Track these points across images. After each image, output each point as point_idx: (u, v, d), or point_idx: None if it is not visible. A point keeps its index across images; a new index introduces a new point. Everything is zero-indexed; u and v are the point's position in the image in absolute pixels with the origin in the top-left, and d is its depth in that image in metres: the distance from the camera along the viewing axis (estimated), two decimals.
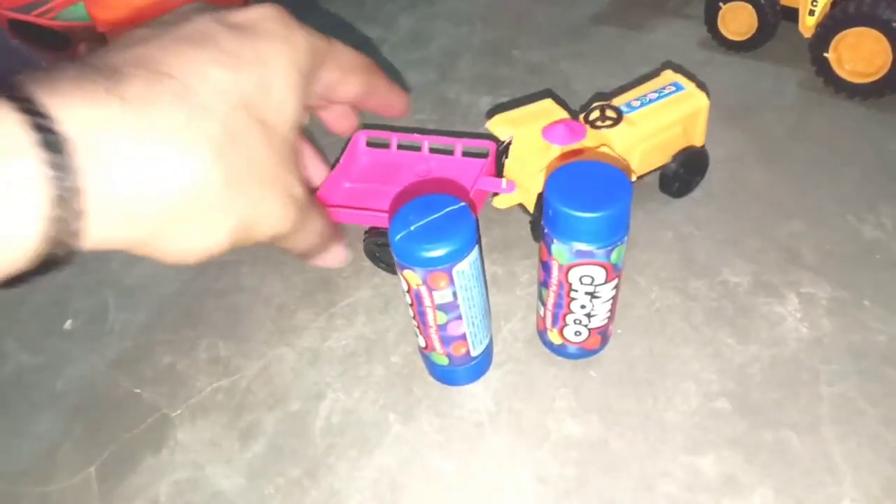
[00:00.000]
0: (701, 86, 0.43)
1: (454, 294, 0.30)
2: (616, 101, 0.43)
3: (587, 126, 0.42)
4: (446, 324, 0.32)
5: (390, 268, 0.42)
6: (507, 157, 0.42)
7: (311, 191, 0.23)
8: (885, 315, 0.37)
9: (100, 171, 0.17)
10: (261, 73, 0.20)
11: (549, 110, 0.44)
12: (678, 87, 0.43)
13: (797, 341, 0.37)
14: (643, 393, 0.35)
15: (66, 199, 0.16)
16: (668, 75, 0.45)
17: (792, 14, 0.53)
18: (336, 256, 0.25)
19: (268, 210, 0.20)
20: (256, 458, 0.35)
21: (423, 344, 0.34)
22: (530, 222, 0.43)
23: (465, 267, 0.29)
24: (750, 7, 0.54)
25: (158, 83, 0.18)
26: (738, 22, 0.56)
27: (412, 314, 0.32)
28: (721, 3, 0.56)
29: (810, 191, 0.44)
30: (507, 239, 0.44)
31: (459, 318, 0.31)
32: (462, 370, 0.35)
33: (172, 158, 0.17)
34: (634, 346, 0.37)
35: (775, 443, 0.33)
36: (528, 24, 0.64)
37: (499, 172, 0.43)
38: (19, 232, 0.16)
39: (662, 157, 0.43)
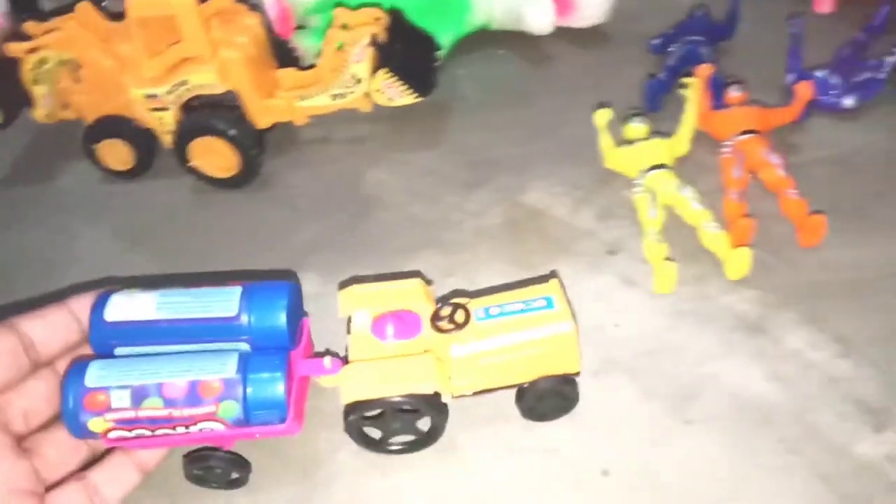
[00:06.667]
0: (573, 312, 0.38)
1: None
2: (474, 303, 0.39)
3: (430, 323, 0.38)
4: None
5: (220, 485, 0.38)
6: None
7: None
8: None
9: None
10: None
11: (411, 293, 0.40)
12: (549, 305, 0.38)
13: None
14: None
15: None
16: (551, 287, 0.39)
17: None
18: None
19: None
20: None
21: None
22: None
23: None
24: (121, 141, 0.61)
25: None
26: (115, 153, 0.61)
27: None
28: (92, 145, 0.61)
29: None
30: None
31: None
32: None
33: None
34: None
35: None
36: None
37: None
38: None
39: (515, 377, 0.39)
